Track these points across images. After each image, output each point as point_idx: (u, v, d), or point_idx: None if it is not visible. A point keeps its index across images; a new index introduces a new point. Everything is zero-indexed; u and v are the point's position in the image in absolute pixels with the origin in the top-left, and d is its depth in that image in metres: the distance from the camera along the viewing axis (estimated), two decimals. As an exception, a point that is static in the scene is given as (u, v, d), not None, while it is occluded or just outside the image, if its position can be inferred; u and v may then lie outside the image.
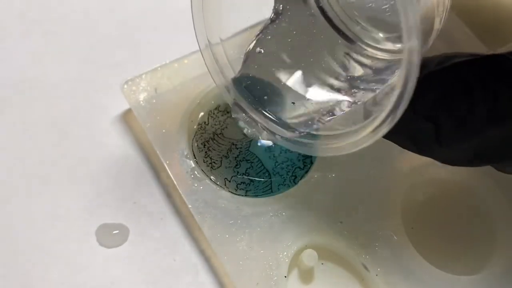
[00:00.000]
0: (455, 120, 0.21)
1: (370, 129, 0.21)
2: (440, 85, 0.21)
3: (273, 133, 0.25)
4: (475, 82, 0.20)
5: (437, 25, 0.22)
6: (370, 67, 0.25)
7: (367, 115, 0.21)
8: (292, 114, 0.25)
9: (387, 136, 0.20)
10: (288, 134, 0.24)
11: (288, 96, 0.25)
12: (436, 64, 0.21)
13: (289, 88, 0.25)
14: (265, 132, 0.25)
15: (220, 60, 0.25)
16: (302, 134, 0.24)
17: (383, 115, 0.20)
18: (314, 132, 0.24)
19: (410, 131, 0.21)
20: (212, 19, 0.24)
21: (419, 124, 0.21)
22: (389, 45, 0.25)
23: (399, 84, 0.18)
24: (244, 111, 0.25)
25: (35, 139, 0.28)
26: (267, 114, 0.25)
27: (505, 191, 0.27)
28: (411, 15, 0.17)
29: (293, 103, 0.24)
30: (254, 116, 0.25)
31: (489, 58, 0.21)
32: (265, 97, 0.25)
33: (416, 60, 0.17)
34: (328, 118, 0.24)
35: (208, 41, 0.24)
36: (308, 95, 0.24)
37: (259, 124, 0.25)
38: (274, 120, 0.25)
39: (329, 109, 0.24)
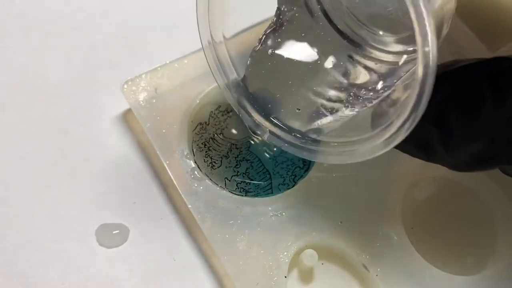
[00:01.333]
0: (462, 123, 0.20)
1: (383, 138, 0.20)
2: (447, 88, 0.20)
3: (277, 136, 0.25)
4: (482, 83, 0.20)
5: (444, 30, 0.22)
6: (375, 71, 0.24)
7: (375, 124, 0.21)
8: (296, 120, 0.24)
9: (396, 146, 0.20)
10: (291, 139, 0.24)
11: (291, 103, 0.25)
12: (443, 69, 0.20)
13: (291, 97, 0.25)
14: (268, 134, 0.25)
15: (223, 59, 0.25)
16: (307, 140, 0.24)
17: (397, 123, 0.19)
18: (320, 139, 0.24)
19: (418, 138, 0.21)
20: (216, 15, 0.24)
21: (427, 129, 0.21)
22: (395, 47, 0.25)
23: (413, 93, 0.18)
24: (248, 112, 0.25)
25: (35, 139, 0.28)
26: (271, 119, 0.25)
27: (505, 190, 0.27)
28: (426, 16, 0.17)
29: (298, 109, 0.24)
30: (258, 118, 0.25)
31: (495, 60, 0.21)
32: (269, 106, 0.25)
33: (433, 65, 0.17)
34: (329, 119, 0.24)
35: (212, 38, 0.24)
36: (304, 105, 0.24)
37: (262, 126, 0.25)
38: (278, 124, 0.25)
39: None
